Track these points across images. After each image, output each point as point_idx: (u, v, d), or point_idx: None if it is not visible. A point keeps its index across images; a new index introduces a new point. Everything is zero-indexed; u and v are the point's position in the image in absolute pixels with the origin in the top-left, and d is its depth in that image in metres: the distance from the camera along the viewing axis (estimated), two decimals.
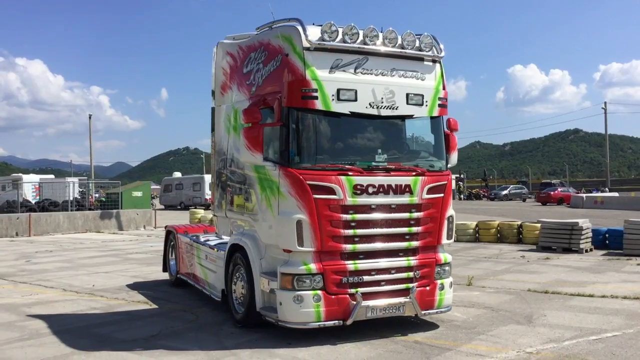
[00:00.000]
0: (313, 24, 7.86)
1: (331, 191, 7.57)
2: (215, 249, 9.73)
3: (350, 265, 7.72)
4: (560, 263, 15.19)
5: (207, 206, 49.65)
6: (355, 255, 7.76)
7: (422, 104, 8.18)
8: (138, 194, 30.85)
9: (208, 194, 49.17)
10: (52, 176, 50.80)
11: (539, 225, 19.13)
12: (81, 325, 8.91)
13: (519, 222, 20.51)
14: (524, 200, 64.13)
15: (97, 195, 40.79)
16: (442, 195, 8.28)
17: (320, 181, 7.54)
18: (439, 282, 8.33)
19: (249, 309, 8.31)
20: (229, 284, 8.95)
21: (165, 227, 13.38)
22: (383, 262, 7.91)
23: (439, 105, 8.36)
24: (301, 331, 7.76)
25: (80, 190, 36.31)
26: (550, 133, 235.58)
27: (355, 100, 7.74)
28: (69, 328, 8.72)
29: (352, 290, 7.70)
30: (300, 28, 7.66)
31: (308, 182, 7.49)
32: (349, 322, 7.65)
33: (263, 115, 7.90)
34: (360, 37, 7.83)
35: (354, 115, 7.80)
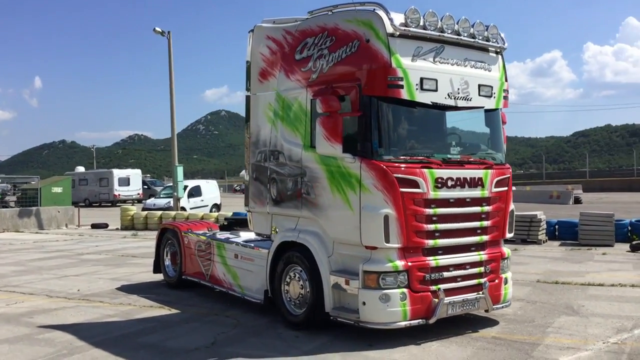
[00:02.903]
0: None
1: (415, 184, 7.26)
2: (256, 248, 9.07)
3: (432, 261, 7.45)
4: (531, 254, 15.69)
5: (113, 202, 47.26)
6: (435, 251, 7.51)
7: (490, 96, 8.05)
8: (58, 190, 28.48)
9: (117, 189, 46.82)
10: None
11: None
12: (117, 335, 8.01)
13: None
14: None
15: None
16: (506, 188, 8.21)
17: (406, 174, 7.21)
18: (503, 276, 8.26)
19: (312, 310, 7.83)
20: (278, 284, 8.38)
21: (161, 224, 12.42)
22: (460, 258, 7.72)
23: (504, 98, 8.28)
24: (377, 331, 7.38)
25: None
26: None
27: (436, 90, 7.47)
28: (106, 339, 7.81)
29: (434, 287, 7.44)
30: (382, 13, 7.28)
31: (395, 175, 7.13)
32: (432, 320, 7.38)
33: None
34: (438, 25, 7.58)
35: (434, 105, 7.53)
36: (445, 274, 7.55)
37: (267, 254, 8.66)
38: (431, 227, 7.40)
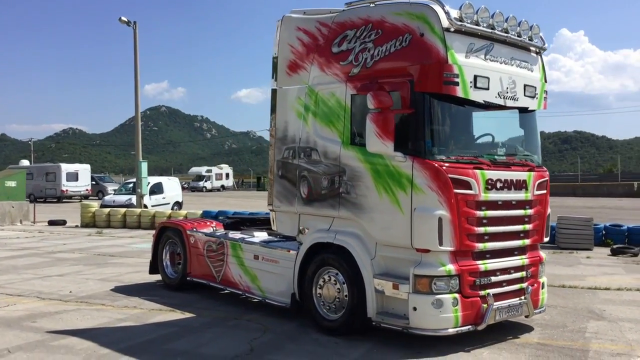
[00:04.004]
0: None
1: (468, 185, 7.01)
2: (282, 249, 8.61)
3: (481, 265, 7.22)
4: None
5: (59, 198, 45.39)
6: (483, 255, 7.28)
7: (534, 96, 7.90)
8: (12, 184, 26.95)
9: (65, 184, 44.96)
10: None
11: None
12: (141, 342, 7.45)
13: None
14: None
15: None
16: (545, 191, 8.07)
17: (460, 174, 6.96)
18: (541, 280, 8.12)
19: (351, 315, 7.49)
20: (309, 287, 7.99)
21: (161, 223, 11.76)
22: (505, 262, 7.52)
23: (544, 99, 8.14)
24: (421, 338, 7.12)
25: None
26: None
27: (488, 88, 7.24)
28: (131, 346, 7.25)
29: (483, 293, 7.21)
30: (438, 6, 6.99)
31: (449, 175, 6.86)
32: (481, 327, 7.14)
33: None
34: (489, 22, 7.36)
35: (486, 104, 7.31)
36: (493, 279, 7.34)
37: (295, 255, 8.26)
38: (481, 229, 7.16)
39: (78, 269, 13.19)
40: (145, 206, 26.68)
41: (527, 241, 7.78)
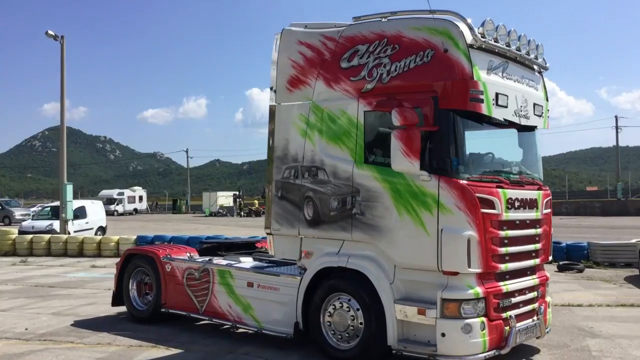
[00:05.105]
0: None
1: (492, 205, 6.84)
2: (284, 274, 8.08)
3: (503, 286, 7.04)
4: None
5: None
6: (503, 276, 7.10)
7: (541, 115, 7.89)
8: None
9: None
10: None
11: None
12: None
13: None
14: None
15: None
16: (550, 210, 8.05)
17: (485, 193, 6.77)
18: (547, 300, 8.05)
19: (367, 343, 7.09)
20: (316, 315, 7.53)
21: (127, 250, 10.78)
22: (521, 282, 7.39)
23: (548, 117, 8.16)
24: None
25: None
26: None
27: (506, 106, 7.13)
28: None
29: (504, 315, 7.01)
30: (461, 22, 6.84)
31: (476, 194, 6.66)
32: (505, 350, 6.94)
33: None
34: (506, 40, 7.28)
35: (503, 123, 7.19)
36: (513, 300, 7.17)
37: (299, 281, 7.76)
38: (503, 250, 6.99)
39: (21, 303, 11.96)
40: (68, 232, 25.00)
41: (537, 260, 7.70)
